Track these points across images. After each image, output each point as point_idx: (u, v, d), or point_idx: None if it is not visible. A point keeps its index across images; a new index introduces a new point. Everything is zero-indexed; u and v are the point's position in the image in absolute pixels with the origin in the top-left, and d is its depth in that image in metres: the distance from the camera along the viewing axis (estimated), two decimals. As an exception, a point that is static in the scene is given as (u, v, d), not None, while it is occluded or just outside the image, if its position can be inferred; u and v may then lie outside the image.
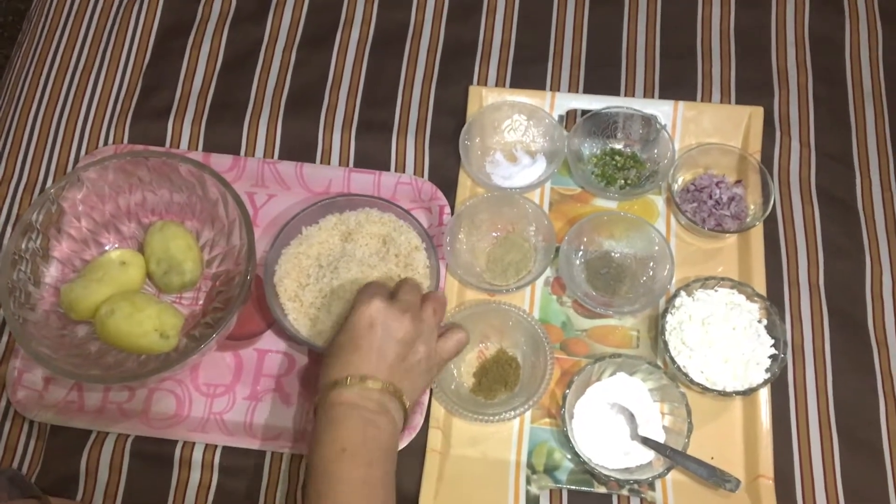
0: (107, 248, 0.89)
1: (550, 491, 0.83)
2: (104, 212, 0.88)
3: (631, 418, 0.83)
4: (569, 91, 1.01)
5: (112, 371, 0.83)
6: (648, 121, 0.95)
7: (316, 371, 0.86)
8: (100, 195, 0.87)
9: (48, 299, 0.85)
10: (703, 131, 0.96)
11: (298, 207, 0.91)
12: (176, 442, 0.85)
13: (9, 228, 0.96)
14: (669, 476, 0.82)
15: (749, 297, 0.86)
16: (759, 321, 0.85)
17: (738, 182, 0.94)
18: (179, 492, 0.83)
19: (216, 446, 0.84)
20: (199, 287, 0.90)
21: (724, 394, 0.82)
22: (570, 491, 0.83)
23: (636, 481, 0.80)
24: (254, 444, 0.84)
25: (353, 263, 0.86)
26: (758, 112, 0.96)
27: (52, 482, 0.83)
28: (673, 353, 0.83)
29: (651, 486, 0.82)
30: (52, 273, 0.86)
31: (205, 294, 0.90)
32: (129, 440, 0.85)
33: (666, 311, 0.85)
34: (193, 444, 0.84)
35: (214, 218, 0.88)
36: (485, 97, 0.98)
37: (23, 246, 0.82)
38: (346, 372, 0.72)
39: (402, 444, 0.82)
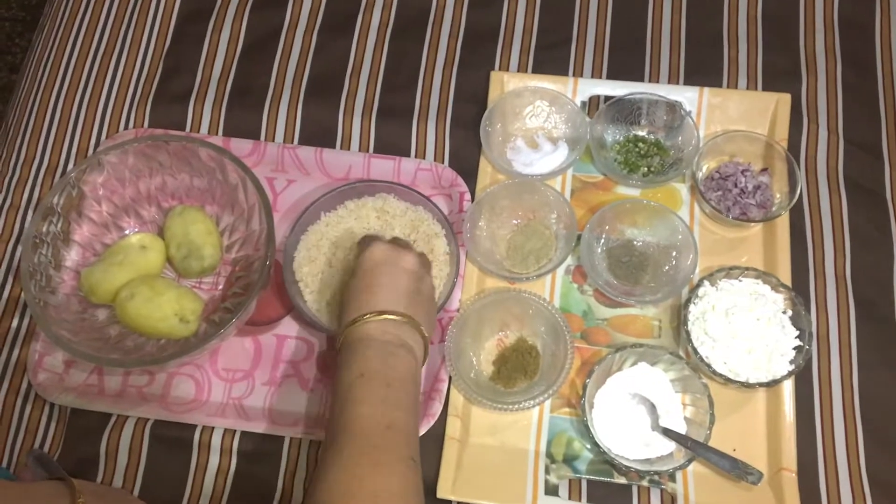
0: (127, 232, 0.90)
1: (570, 481, 0.82)
2: (124, 196, 0.88)
3: (652, 409, 0.82)
4: (592, 77, 1.00)
5: (132, 355, 0.83)
6: (673, 107, 0.93)
7: (335, 357, 0.86)
8: (120, 179, 0.87)
9: (69, 283, 0.85)
10: (729, 118, 0.95)
11: (318, 193, 0.91)
12: (195, 426, 0.85)
13: (30, 211, 0.96)
14: (690, 468, 0.81)
15: (774, 288, 0.84)
16: (784, 312, 0.84)
17: (763, 170, 0.92)
18: (198, 476, 0.83)
19: (235, 431, 0.84)
20: (218, 272, 0.90)
21: (747, 385, 0.80)
22: (589, 481, 0.82)
23: (657, 472, 0.79)
24: (272, 430, 0.83)
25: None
26: (785, 99, 0.95)
27: (73, 464, 0.84)
28: (696, 344, 0.82)
29: (672, 477, 0.81)
30: (72, 257, 0.86)
31: (224, 279, 0.90)
32: (149, 424, 0.85)
33: (689, 300, 0.84)
34: (212, 428, 0.85)
35: (234, 203, 0.88)
36: (506, 83, 0.97)
37: (44, 229, 0.82)
38: (364, 310, 0.73)
39: (421, 432, 0.82)
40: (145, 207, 0.90)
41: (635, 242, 0.90)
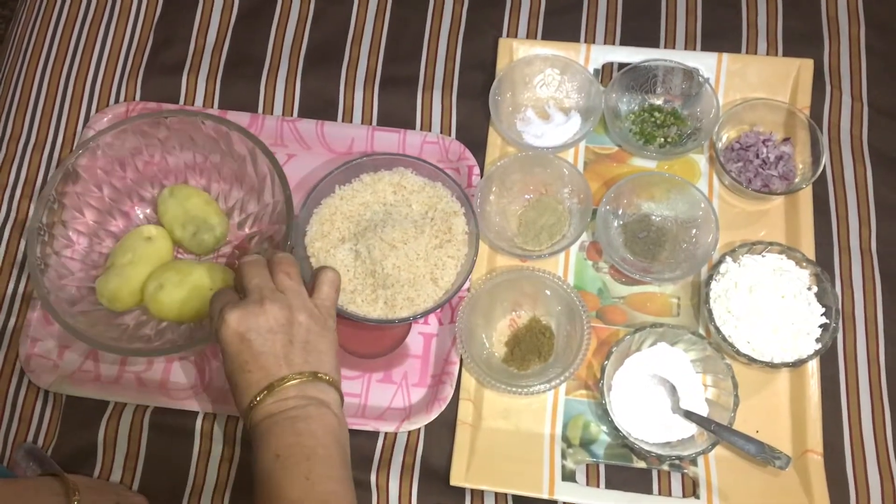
0: (131, 216, 0.86)
1: (587, 466, 0.79)
2: (125, 178, 0.84)
3: (672, 391, 0.79)
4: (605, 43, 0.96)
5: (153, 343, 0.79)
6: (690, 74, 0.89)
7: (346, 340, 0.82)
8: (120, 160, 0.83)
9: (78, 275, 0.81)
10: (749, 85, 0.91)
11: (322, 167, 0.87)
12: (196, 413, 0.81)
13: (18, 191, 0.92)
14: (712, 451, 0.78)
15: (798, 263, 0.81)
16: (809, 288, 0.80)
17: (785, 140, 0.88)
18: (201, 465, 0.80)
19: (238, 418, 0.81)
20: (230, 241, 0.87)
21: (772, 366, 0.77)
22: (607, 466, 0.79)
23: (678, 457, 0.76)
24: (277, 416, 0.80)
25: (389, 226, 0.81)
26: (807, 65, 0.90)
27: (69, 455, 0.80)
28: (718, 323, 0.79)
29: (693, 461, 0.78)
30: (79, 246, 0.82)
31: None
32: (148, 411, 0.81)
33: (710, 278, 0.81)
34: (215, 415, 0.81)
35: (243, 176, 0.84)
36: (515, 50, 0.93)
37: (44, 220, 0.78)
38: (252, 392, 0.66)
39: (432, 417, 0.79)
40: (147, 189, 0.86)
41: (653, 217, 0.86)
